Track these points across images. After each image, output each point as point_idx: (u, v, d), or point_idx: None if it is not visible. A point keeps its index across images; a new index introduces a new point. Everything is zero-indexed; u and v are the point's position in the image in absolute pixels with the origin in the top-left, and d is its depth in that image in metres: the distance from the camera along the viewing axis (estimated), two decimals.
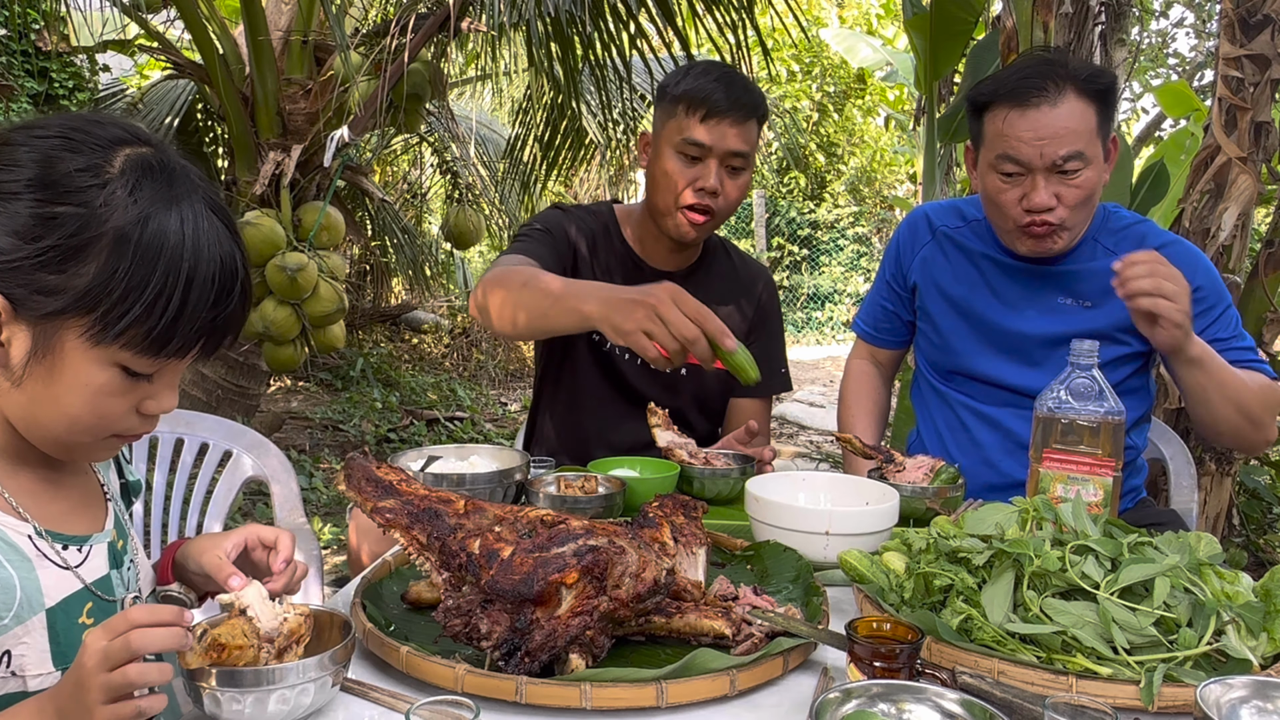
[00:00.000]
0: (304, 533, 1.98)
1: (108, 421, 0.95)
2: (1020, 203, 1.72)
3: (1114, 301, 1.81)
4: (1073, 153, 1.67)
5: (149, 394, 0.96)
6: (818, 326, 11.64)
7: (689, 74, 1.96)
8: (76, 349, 0.90)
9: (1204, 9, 9.20)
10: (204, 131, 5.19)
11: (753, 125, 1.95)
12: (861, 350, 2.18)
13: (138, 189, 0.90)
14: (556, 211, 2.10)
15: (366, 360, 7.18)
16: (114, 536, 1.06)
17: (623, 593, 1.03)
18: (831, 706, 0.88)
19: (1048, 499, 1.26)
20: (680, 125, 1.93)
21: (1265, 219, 3.86)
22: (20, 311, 0.89)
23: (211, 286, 0.92)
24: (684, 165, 1.94)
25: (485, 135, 6.41)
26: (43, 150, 0.90)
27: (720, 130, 1.91)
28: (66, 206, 0.88)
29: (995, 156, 1.73)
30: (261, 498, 4.44)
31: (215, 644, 0.86)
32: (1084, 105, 1.68)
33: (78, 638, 0.97)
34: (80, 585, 0.99)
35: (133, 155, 0.92)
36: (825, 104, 11.70)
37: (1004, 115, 1.71)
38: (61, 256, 0.88)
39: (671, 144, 1.95)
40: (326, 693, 0.93)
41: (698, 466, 1.74)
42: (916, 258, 2.00)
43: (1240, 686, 0.91)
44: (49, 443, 0.97)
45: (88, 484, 1.08)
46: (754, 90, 1.97)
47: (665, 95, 1.97)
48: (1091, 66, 1.73)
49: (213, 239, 0.92)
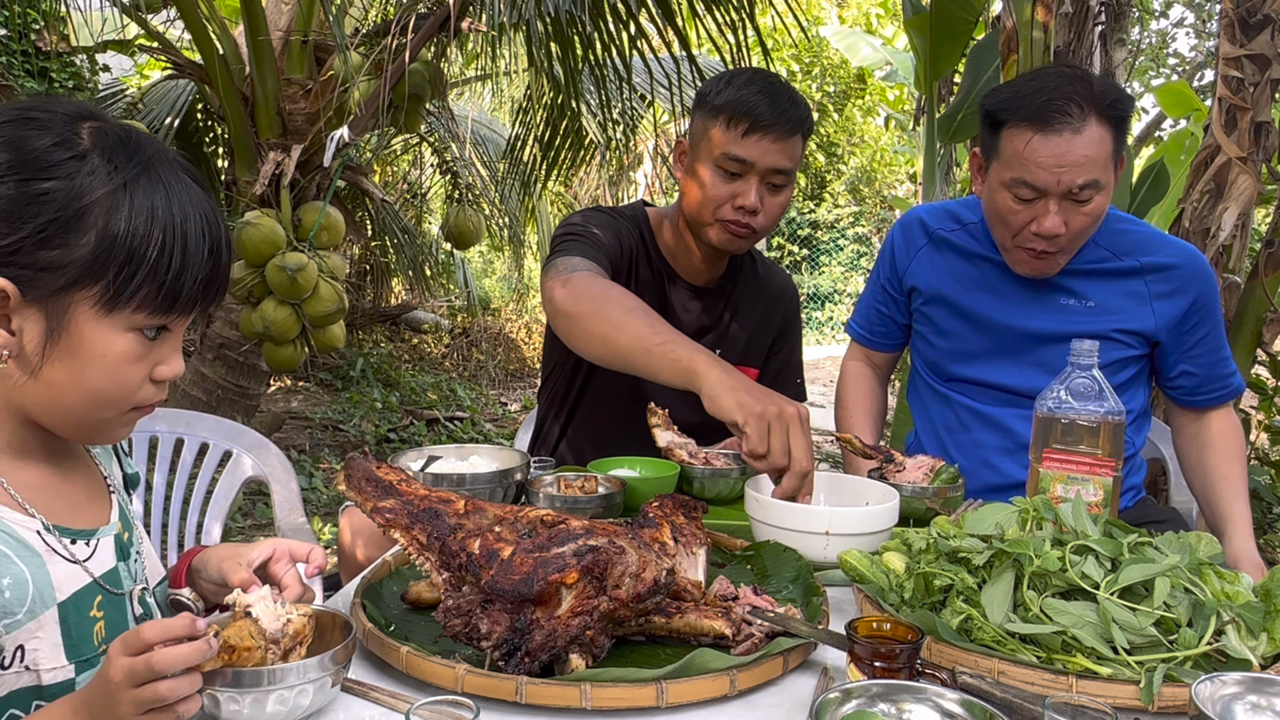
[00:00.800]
0: (304, 533, 1.98)
1: (128, 391, 0.97)
2: (1029, 226, 1.70)
3: (1115, 301, 1.81)
4: (1089, 181, 1.64)
5: (160, 359, 0.99)
6: (818, 326, 11.65)
7: (731, 83, 1.86)
8: (90, 320, 0.92)
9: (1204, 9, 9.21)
10: (204, 131, 5.20)
11: (797, 141, 1.87)
12: (856, 353, 2.18)
13: (115, 156, 0.93)
14: (603, 215, 2.00)
15: (366, 360, 7.18)
16: (120, 529, 1.07)
17: (623, 593, 1.03)
18: (831, 706, 0.88)
19: (1048, 499, 1.26)
20: (721, 138, 1.84)
21: (1265, 219, 3.86)
22: (28, 294, 0.91)
23: (205, 238, 0.96)
24: (723, 180, 1.86)
25: (485, 135, 6.42)
26: (8, 135, 0.92)
27: (763, 146, 1.82)
28: (52, 181, 0.90)
29: (1011, 178, 1.69)
30: (261, 498, 4.44)
31: (225, 646, 0.86)
32: (1104, 131, 1.64)
33: (89, 630, 0.98)
34: (89, 579, 1.00)
35: (95, 127, 0.95)
36: (825, 104, 11.70)
37: (1026, 137, 1.65)
38: (60, 230, 0.90)
39: (711, 157, 1.86)
40: (326, 693, 0.93)
41: (697, 466, 1.74)
42: (913, 262, 1.99)
43: (1234, 683, 0.91)
44: (71, 426, 0.99)
45: (91, 477, 1.09)
46: (800, 103, 1.88)
47: (705, 103, 1.88)
48: (1114, 89, 1.68)
49: (194, 195, 0.97)
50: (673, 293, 2.04)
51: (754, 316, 2.10)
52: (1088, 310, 1.82)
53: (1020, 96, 1.68)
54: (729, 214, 1.87)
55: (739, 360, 2.06)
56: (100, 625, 1.00)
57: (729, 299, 2.08)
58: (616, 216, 2.02)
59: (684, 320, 2.03)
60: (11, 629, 0.92)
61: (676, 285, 2.04)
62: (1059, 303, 1.83)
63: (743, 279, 2.11)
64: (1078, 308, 1.82)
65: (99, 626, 1.00)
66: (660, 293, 2.02)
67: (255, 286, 3.75)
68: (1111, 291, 1.81)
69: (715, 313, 2.07)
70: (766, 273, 2.16)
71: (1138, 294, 1.81)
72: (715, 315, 2.07)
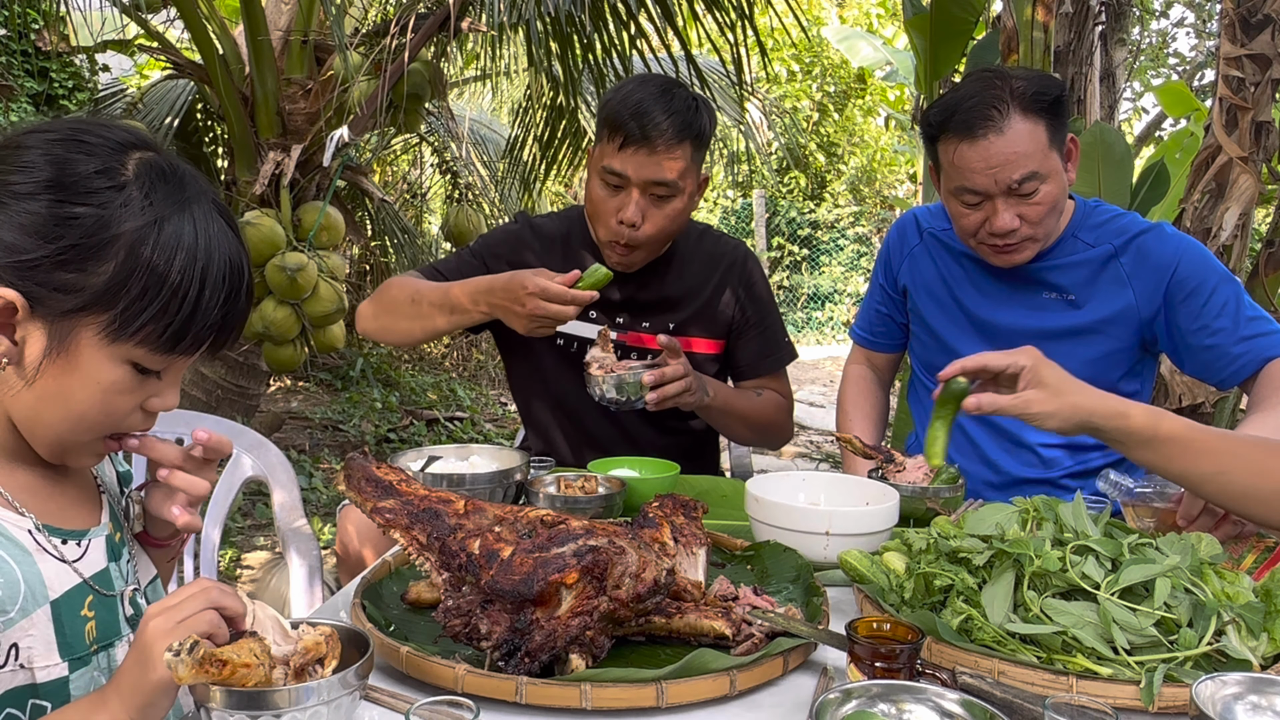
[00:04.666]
0: (304, 534, 1.98)
1: (114, 419, 0.98)
2: (984, 226, 1.73)
3: (1097, 295, 1.81)
4: (1027, 174, 1.66)
5: (155, 391, 0.99)
6: (818, 326, 11.64)
7: (618, 92, 1.84)
8: (92, 346, 0.93)
9: (1204, 9, 9.21)
10: (204, 131, 5.19)
11: (682, 150, 1.81)
12: (858, 355, 2.18)
13: (152, 191, 0.93)
14: (510, 227, 2.07)
15: (366, 360, 7.17)
16: (111, 529, 1.08)
17: (623, 593, 1.03)
18: (831, 706, 0.88)
19: (1049, 499, 1.25)
20: (602, 151, 1.83)
21: (1265, 219, 3.86)
22: (37, 310, 0.91)
23: (223, 285, 0.96)
24: (607, 193, 1.84)
25: (485, 135, 6.41)
26: (56, 154, 0.93)
27: (638, 160, 1.79)
28: (85, 207, 0.91)
29: (954, 187, 1.73)
30: (261, 498, 4.44)
31: (214, 659, 0.83)
32: (1031, 125, 1.66)
33: (81, 629, 0.99)
34: (79, 579, 1.01)
35: (143, 159, 0.95)
36: (825, 104, 11.70)
37: (954, 148, 1.70)
38: (81, 255, 0.90)
39: (596, 169, 1.85)
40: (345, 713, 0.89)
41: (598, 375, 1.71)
42: (906, 260, 2.01)
43: (1234, 683, 0.91)
44: (47, 443, 0.99)
45: (83, 479, 1.09)
46: (683, 112, 1.81)
47: (599, 114, 1.87)
48: (1037, 80, 1.69)
49: (222, 240, 0.97)
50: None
51: (706, 290, 2.04)
52: (1069, 304, 1.82)
53: (945, 109, 1.72)
54: (613, 228, 1.85)
55: (697, 334, 2.04)
56: (91, 625, 1.00)
57: (675, 271, 2.04)
58: (536, 219, 2.07)
59: (619, 294, 2.00)
60: (6, 627, 0.92)
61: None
62: (1041, 298, 1.84)
63: (689, 250, 2.06)
64: (1059, 302, 1.83)
65: (90, 626, 1.00)
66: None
67: (255, 286, 3.74)
68: (1091, 280, 1.81)
69: (654, 290, 2.03)
70: (714, 244, 2.09)
71: (1116, 277, 1.79)
72: (655, 292, 2.03)
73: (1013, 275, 1.84)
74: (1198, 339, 1.73)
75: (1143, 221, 1.83)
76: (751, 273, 2.10)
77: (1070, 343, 1.80)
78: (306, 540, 1.95)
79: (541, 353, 2.04)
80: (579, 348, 2.00)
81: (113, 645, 1.04)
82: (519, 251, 2.03)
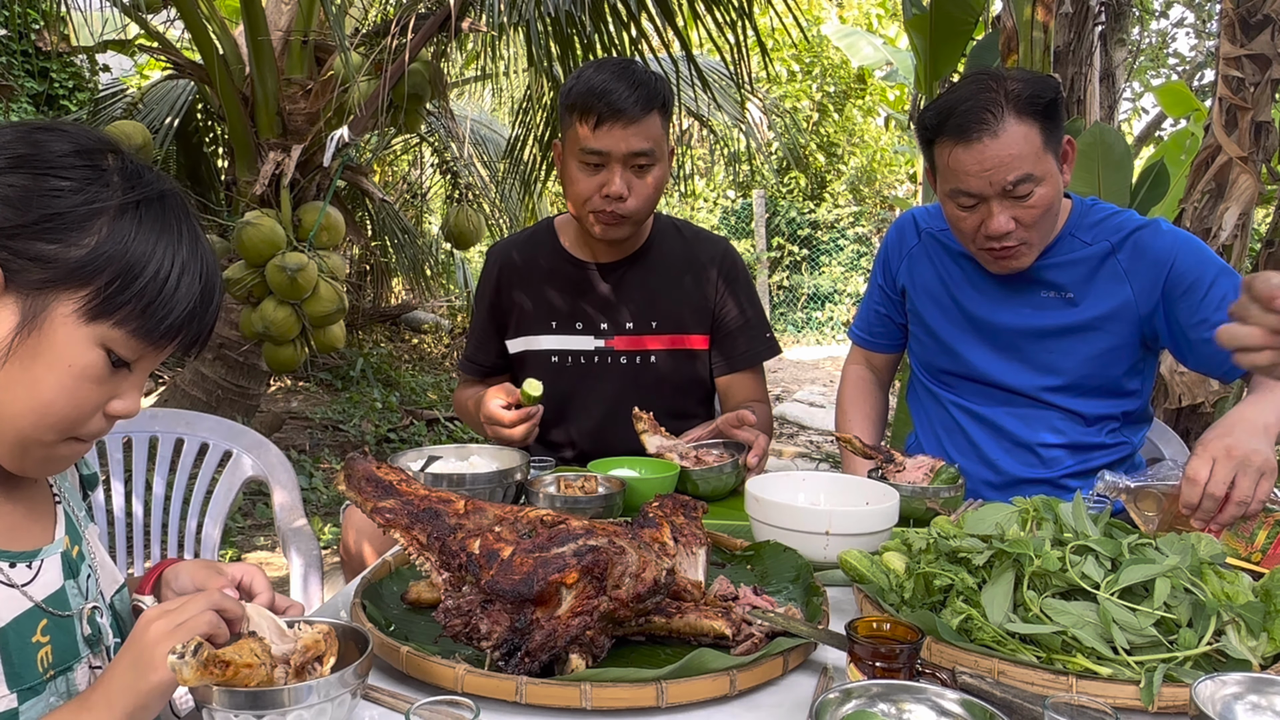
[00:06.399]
0: (304, 533, 1.98)
1: (80, 414, 0.93)
2: (980, 229, 1.73)
3: (1095, 293, 1.81)
4: (1021, 176, 1.66)
5: (119, 391, 0.96)
6: (817, 326, 11.64)
7: (580, 78, 1.91)
8: (67, 325, 0.90)
9: (1204, 9, 9.21)
10: (204, 131, 5.20)
11: (652, 119, 1.90)
12: (857, 356, 2.18)
13: (133, 179, 0.94)
14: (488, 270, 2.18)
15: (366, 360, 7.18)
16: (67, 544, 1.03)
17: (623, 593, 1.03)
18: (831, 706, 0.88)
19: (1049, 499, 1.26)
20: (578, 134, 1.90)
21: (1265, 219, 3.87)
22: (11, 284, 0.89)
23: (199, 279, 0.96)
24: (588, 174, 1.91)
25: (485, 135, 6.41)
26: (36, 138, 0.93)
27: (615, 135, 1.87)
28: (67, 182, 0.90)
29: (950, 189, 1.74)
30: (261, 498, 4.44)
31: (218, 660, 0.83)
32: (1026, 127, 1.66)
33: (32, 658, 0.94)
34: (30, 604, 0.95)
35: (121, 154, 0.96)
36: (825, 104, 11.69)
37: (949, 150, 1.70)
38: (63, 226, 0.89)
39: (574, 154, 1.93)
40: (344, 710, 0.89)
41: (695, 468, 1.73)
42: (904, 261, 2.01)
43: (1234, 683, 0.91)
44: (7, 444, 0.94)
45: (37, 491, 1.04)
46: (647, 82, 1.90)
47: (563, 103, 1.94)
48: (1032, 82, 1.70)
49: (198, 241, 0.97)
50: (587, 280, 2.09)
51: (684, 284, 2.08)
52: (1067, 302, 1.82)
53: (940, 112, 1.72)
54: (599, 204, 1.92)
55: (678, 329, 2.08)
56: (46, 651, 0.95)
57: (648, 268, 2.08)
58: (505, 244, 2.20)
59: (600, 299, 2.08)
60: None
61: (588, 271, 2.09)
62: (1039, 297, 1.84)
63: (665, 247, 2.11)
64: (1057, 300, 1.83)
65: (44, 652, 0.95)
66: (574, 285, 2.10)
67: (255, 286, 3.74)
68: (1089, 277, 1.81)
69: (633, 285, 2.08)
70: (694, 238, 2.15)
71: (1114, 273, 1.79)
72: (634, 286, 2.08)
73: (1011, 274, 1.84)
74: (1198, 333, 1.72)
75: (1139, 218, 1.83)
76: (734, 266, 2.14)
77: (1069, 340, 1.81)
78: (306, 540, 1.95)
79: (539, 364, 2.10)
80: (573, 362, 2.08)
81: (70, 669, 0.98)
82: (504, 289, 2.15)
